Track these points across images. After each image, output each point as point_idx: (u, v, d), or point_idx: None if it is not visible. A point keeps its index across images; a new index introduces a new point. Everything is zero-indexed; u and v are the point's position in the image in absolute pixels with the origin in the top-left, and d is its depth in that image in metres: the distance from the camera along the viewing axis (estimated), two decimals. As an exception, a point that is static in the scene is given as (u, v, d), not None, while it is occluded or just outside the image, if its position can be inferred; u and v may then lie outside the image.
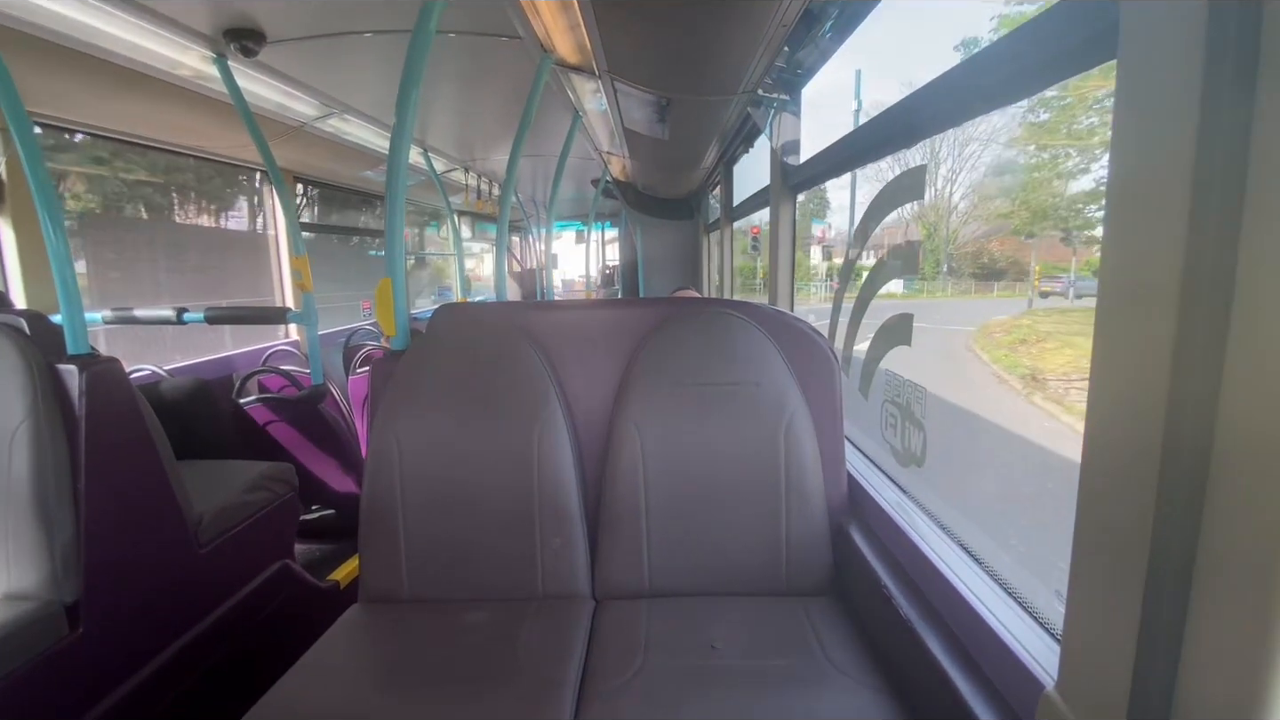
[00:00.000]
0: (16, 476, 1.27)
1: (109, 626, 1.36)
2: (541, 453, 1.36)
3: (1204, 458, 0.48)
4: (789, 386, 1.35)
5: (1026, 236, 2.06)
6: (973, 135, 2.46)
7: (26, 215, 2.05)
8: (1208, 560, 0.49)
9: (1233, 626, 0.47)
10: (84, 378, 1.35)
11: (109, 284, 2.89)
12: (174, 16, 1.87)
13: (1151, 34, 0.51)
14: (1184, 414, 0.48)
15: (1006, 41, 0.82)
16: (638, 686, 1.04)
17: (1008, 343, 1.92)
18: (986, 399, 1.84)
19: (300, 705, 1.02)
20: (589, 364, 1.45)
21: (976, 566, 0.99)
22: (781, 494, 1.33)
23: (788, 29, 1.53)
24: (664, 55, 1.89)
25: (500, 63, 2.38)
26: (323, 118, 3.00)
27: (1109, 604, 0.57)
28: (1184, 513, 0.49)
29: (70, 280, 1.48)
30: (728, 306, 1.42)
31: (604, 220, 8.73)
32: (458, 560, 1.36)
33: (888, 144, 1.34)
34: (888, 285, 1.36)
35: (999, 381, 1.82)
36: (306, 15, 1.96)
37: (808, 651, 1.11)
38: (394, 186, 1.47)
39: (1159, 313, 0.50)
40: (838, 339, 1.54)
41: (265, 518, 1.90)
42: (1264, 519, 0.44)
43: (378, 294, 1.51)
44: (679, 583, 1.34)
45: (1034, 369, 1.71)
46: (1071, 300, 1.73)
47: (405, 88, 1.43)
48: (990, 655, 0.84)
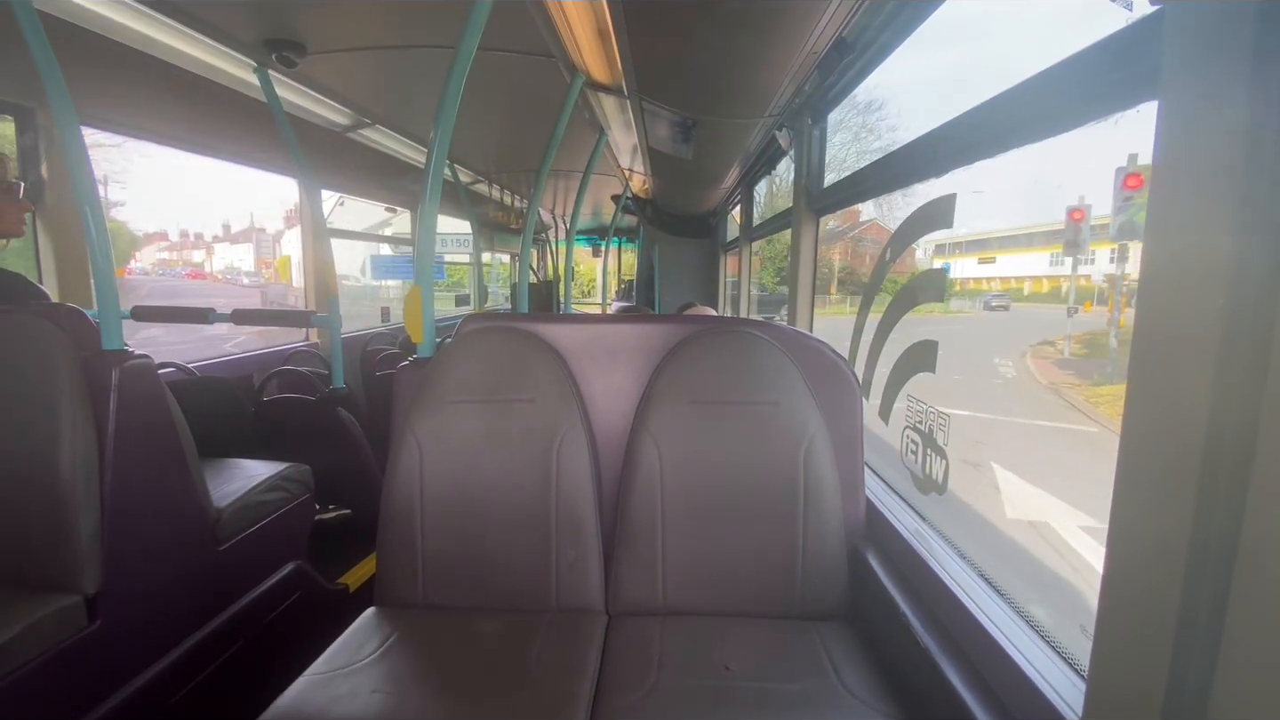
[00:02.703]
0: (44, 467, 1.30)
1: (126, 620, 1.38)
2: (561, 465, 1.37)
3: (1240, 492, 0.48)
4: (809, 407, 1.35)
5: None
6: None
7: (64, 213, 2.10)
8: (1240, 607, 0.49)
9: (1263, 673, 0.47)
10: (117, 373, 1.38)
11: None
12: (220, 25, 1.93)
13: (1194, 77, 0.52)
14: (1222, 450, 0.49)
15: (1043, 77, 0.84)
16: (650, 705, 1.03)
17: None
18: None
19: (315, 709, 1.03)
20: (610, 378, 1.46)
21: (999, 597, 0.98)
22: (798, 515, 1.32)
23: (819, 55, 1.55)
24: (694, 77, 1.92)
25: (531, 81, 2.44)
26: (354, 128, 3.07)
27: (1139, 641, 0.56)
28: (1216, 560, 0.49)
29: (109, 277, 1.52)
30: (749, 325, 1.43)
31: (622, 236, 8.81)
32: (474, 569, 1.37)
33: (914, 173, 1.35)
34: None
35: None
36: (347, 29, 2.02)
37: (822, 676, 1.10)
38: (428, 196, 1.50)
39: (1199, 324, 0.50)
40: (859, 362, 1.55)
41: (281, 518, 1.92)
42: None
43: (406, 302, 1.54)
44: (693, 601, 1.33)
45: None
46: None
47: (444, 101, 1.46)
48: (1012, 688, 0.83)
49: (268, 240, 20.85)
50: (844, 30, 1.42)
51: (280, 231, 20.31)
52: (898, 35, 1.45)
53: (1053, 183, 2.34)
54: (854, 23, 1.41)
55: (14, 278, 1.68)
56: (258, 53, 2.16)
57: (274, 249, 20.55)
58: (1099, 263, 2.35)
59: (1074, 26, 0.80)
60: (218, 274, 24.28)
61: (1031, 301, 4.20)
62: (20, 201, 1.67)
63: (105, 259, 1.52)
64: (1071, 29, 0.79)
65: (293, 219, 3.82)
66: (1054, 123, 0.85)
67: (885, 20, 1.44)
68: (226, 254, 26.32)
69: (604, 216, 7.48)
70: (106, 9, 1.79)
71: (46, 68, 1.43)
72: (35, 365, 1.33)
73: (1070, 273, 2.72)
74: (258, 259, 22.68)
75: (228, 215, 32.93)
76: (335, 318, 2.50)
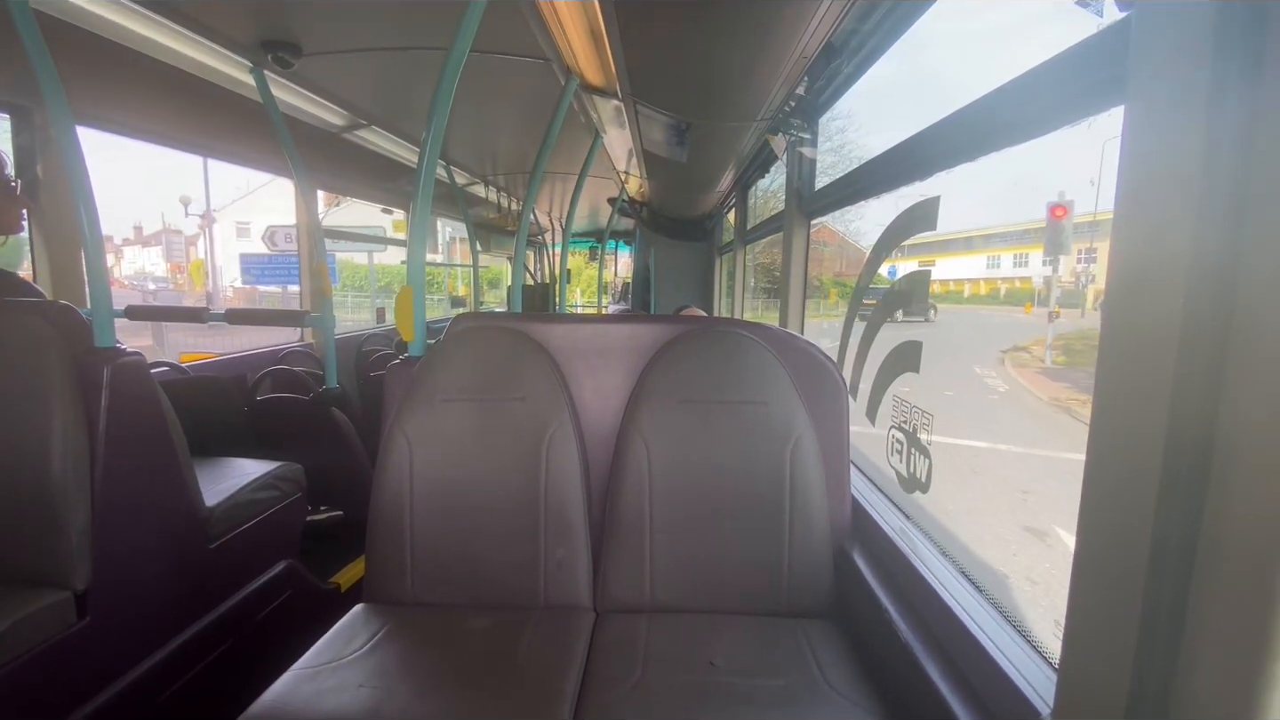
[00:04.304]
0: (35, 463, 1.30)
1: (116, 616, 1.38)
2: (550, 463, 1.38)
3: (1201, 486, 0.50)
4: (796, 408, 1.36)
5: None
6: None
7: (57, 211, 2.11)
8: (1203, 590, 0.50)
9: (1228, 655, 0.48)
10: (109, 370, 1.38)
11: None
12: (216, 25, 1.94)
13: (1158, 83, 0.53)
14: (1183, 445, 0.50)
15: (1020, 82, 0.85)
16: (636, 700, 1.04)
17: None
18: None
19: (301, 702, 1.03)
20: (600, 377, 1.47)
21: (979, 595, 1.00)
22: (785, 514, 1.34)
23: (808, 60, 1.57)
24: (686, 81, 1.94)
25: (525, 82, 2.45)
26: (349, 129, 3.08)
27: (1105, 632, 0.58)
28: (1180, 543, 0.51)
29: (102, 275, 1.53)
30: (738, 326, 1.45)
31: (619, 239, 8.83)
32: (463, 566, 1.37)
33: (902, 176, 1.37)
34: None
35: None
36: (342, 30, 2.03)
37: (806, 672, 1.11)
38: (420, 197, 1.51)
39: (1161, 325, 0.51)
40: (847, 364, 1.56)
41: (273, 516, 1.92)
42: (1262, 546, 0.45)
43: (398, 301, 1.55)
44: (680, 598, 1.34)
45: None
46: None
47: (437, 103, 1.48)
48: (988, 682, 0.84)
49: (180, 243, 19.76)
50: (832, 35, 1.44)
51: (192, 236, 19.56)
52: (885, 40, 1.48)
53: (991, 191, 2.39)
54: (842, 28, 1.43)
55: (9, 277, 1.68)
56: (253, 53, 2.17)
57: (186, 252, 19.92)
58: (1032, 264, 2.38)
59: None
60: (124, 280, 23.44)
61: (974, 304, 4.19)
62: (18, 198, 1.67)
63: (99, 257, 1.52)
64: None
65: (209, 218, 3.77)
66: (1033, 126, 0.87)
67: (872, 27, 1.46)
68: (138, 257, 25.32)
69: (600, 219, 7.50)
70: (103, 9, 1.80)
71: (42, 67, 1.44)
72: (27, 361, 1.33)
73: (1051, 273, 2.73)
74: (170, 263, 21.66)
75: (140, 216, 31.07)
76: (329, 317, 2.51)
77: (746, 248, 4.20)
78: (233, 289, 16.51)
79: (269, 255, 14.36)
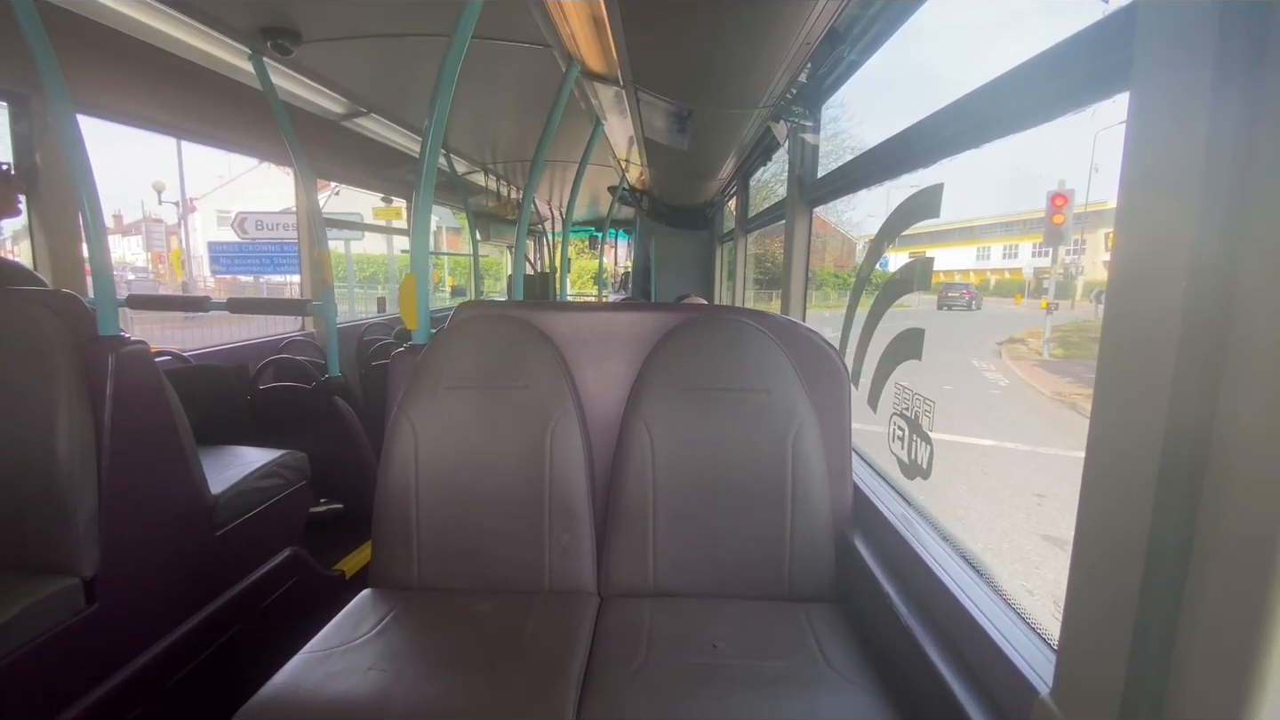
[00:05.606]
0: (42, 451, 1.31)
1: (124, 603, 1.39)
2: (554, 450, 1.39)
3: (1199, 472, 0.50)
4: (798, 396, 1.37)
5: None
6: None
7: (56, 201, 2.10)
8: (1199, 574, 0.51)
9: (1221, 636, 0.49)
10: (113, 359, 1.39)
11: None
12: (215, 12, 1.93)
13: (1163, 70, 0.54)
14: (1182, 435, 0.51)
15: (1025, 69, 0.85)
16: (640, 682, 1.06)
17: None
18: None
19: (312, 684, 1.05)
20: (603, 365, 1.48)
21: (978, 577, 1.01)
22: (787, 500, 1.35)
23: (811, 46, 1.56)
24: (688, 67, 1.92)
25: (526, 69, 2.44)
26: (350, 116, 3.06)
27: (1104, 614, 0.59)
28: (1177, 528, 0.52)
29: (105, 264, 1.53)
30: (741, 314, 1.45)
31: (619, 228, 8.80)
32: (468, 551, 1.39)
33: (904, 163, 1.36)
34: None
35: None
36: (342, 17, 2.02)
37: (808, 655, 1.12)
38: (423, 185, 1.51)
39: (1161, 319, 0.52)
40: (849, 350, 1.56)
41: (278, 504, 1.94)
42: (1255, 531, 0.46)
43: (401, 289, 1.55)
44: (683, 583, 1.36)
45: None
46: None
47: (439, 90, 1.47)
48: (987, 662, 0.86)
49: (161, 232, 19.43)
50: (836, 21, 1.43)
51: (174, 225, 19.15)
52: (888, 27, 1.47)
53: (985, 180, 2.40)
54: (845, 14, 1.42)
55: (10, 264, 1.68)
56: (253, 40, 2.15)
57: (167, 241, 19.66)
58: (1021, 256, 2.38)
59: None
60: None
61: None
62: (12, 180, 1.67)
63: (101, 246, 1.52)
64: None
65: (185, 206, 3.73)
66: (1037, 112, 0.86)
67: (876, 13, 1.45)
68: (118, 246, 24.77)
69: (600, 208, 7.48)
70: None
71: (42, 54, 1.43)
72: (32, 350, 1.34)
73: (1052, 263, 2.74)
74: (150, 252, 21.38)
75: (120, 204, 29.96)
76: (330, 306, 2.51)
77: (746, 236, 4.19)
78: (214, 279, 16.35)
79: (238, 243, 14.16)
